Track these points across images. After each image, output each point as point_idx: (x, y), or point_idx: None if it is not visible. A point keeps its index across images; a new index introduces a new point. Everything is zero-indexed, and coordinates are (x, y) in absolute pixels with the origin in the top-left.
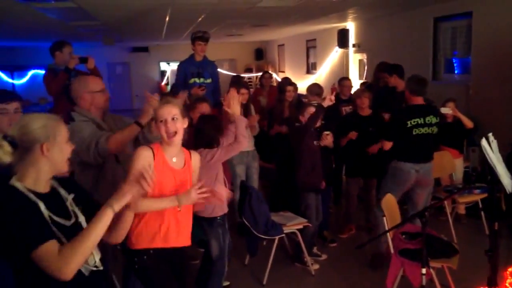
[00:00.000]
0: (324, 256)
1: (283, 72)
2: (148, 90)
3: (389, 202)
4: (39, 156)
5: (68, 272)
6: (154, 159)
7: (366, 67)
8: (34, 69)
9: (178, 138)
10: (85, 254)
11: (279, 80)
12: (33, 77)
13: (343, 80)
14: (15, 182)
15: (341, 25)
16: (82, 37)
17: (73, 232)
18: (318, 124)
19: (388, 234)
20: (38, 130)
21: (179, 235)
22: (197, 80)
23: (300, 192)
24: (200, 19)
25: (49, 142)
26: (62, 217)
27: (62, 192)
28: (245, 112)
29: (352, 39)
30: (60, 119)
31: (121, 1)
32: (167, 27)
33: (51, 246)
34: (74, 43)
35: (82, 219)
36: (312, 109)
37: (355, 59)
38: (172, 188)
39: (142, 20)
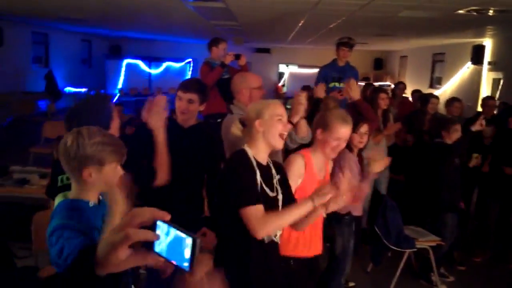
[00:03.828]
0: (451, 278)
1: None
2: (266, 90)
3: None
4: (256, 131)
5: (263, 233)
6: (305, 170)
7: (500, 87)
8: (168, 61)
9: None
10: (280, 226)
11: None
12: (167, 68)
13: (488, 100)
14: (246, 147)
15: (477, 40)
16: (215, 35)
17: (272, 203)
18: None
19: None
20: (255, 108)
21: (314, 243)
22: (337, 84)
23: (438, 210)
24: (331, 25)
25: (260, 120)
26: (269, 188)
27: (273, 170)
28: (384, 119)
29: (487, 56)
30: (276, 102)
31: (265, 4)
32: (296, 31)
33: (258, 209)
34: (205, 40)
35: (280, 197)
36: (458, 127)
37: (488, 77)
38: None
39: (277, 23)
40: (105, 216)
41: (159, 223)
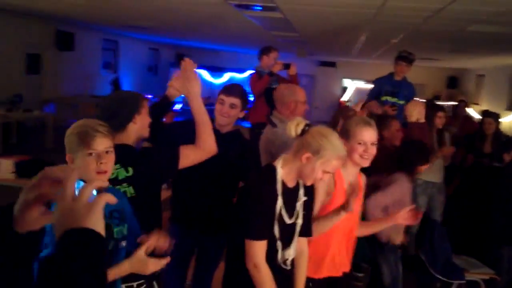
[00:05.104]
0: None
1: (477, 104)
2: (329, 105)
3: None
4: (300, 158)
5: (251, 268)
6: (334, 185)
7: None
8: (230, 71)
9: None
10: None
11: (471, 112)
12: (229, 79)
13: None
14: (278, 165)
15: None
16: (277, 46)
17: (288, 229)
18: None
19: None
20: (318, 142)
21: (344, 260)
22: (389, 98)
23: (492, 241)
24: (396, 39)
25: (312, 158)
26: (288, 213)
27: (301, 191)
28: (440, 138)
29: None
30: (342, 153)
31: (324, 15)
32: (359, 45)
33: (261, 245)
34: None
35: (300, 222)
36: None
37: None
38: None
39: (338, 35)
40: (104, 213)
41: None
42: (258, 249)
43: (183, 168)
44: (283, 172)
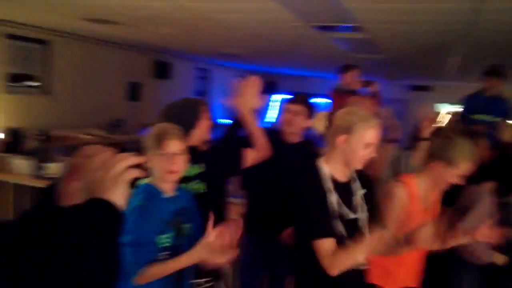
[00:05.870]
0: None
1: None
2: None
3: None
4: (336, 145)
5: (335, 272)
6: (408, 199)
7: None
8: (318, 97)
9: None
10: (352, 262)
11: None
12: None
13: None
14: (321, 163)
15: None
16: (364, 70)
17: (352, 226)
18: None
19: None
20: (346, 120)
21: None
22: (480, 116)
23: None
24: (493, 57)
25: (347, 136)
26: (349, 208)
27: (357, 185)
28: None
29: None
30: (372, 122)
31: (411, 34)
32: (454, 66)
33: (328, 243)
34: None
35: (363, 216)
36: None
37: None
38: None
39: (429, 56)
40: (176, 210)
41: None
42: (326, 247)
43: (246, 167)
44: (330, 168)
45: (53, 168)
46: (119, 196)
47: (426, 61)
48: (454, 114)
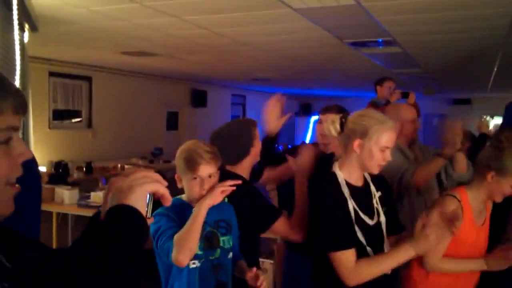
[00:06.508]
0: None
1: None
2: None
3: None
4: (352, 149)
5: (353, 283)
6: (462, 215)
7: None
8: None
9: None
10: (374, 275)
11: None
12: None
13: None
14: (336, 169)
15: None
16: (402, 85)
17: (373, 231)
18: None
19: None
20: (361, 124)
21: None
22: None
23: None
24: None
25: (363, 141)
26: (367, 214)
27: (372, 188)
28: None
29: None
30: (389, 125)
31: (446, 44)
32: (494, 76)
33: (349, 254)
34: None
35: (382, 219)
36: None
37: None
38: (470, 247)
39: (467, 66)
40: (209, 222)
41: None
42: (347, 259)
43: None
44: (344, 174)
45: (97, 197)
46: (136, 201)
47: (466, 72)
48: (500, 125)
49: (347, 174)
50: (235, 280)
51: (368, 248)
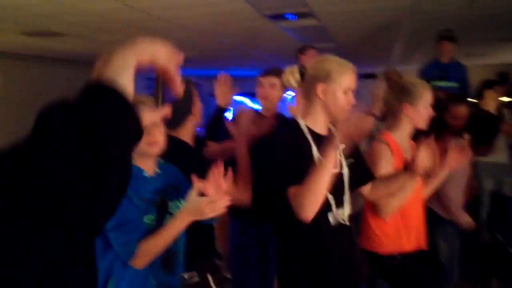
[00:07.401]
0: None
1: None
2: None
3: None
4: (316, 96)
5: (306, 214)
6: (393, 156)
7: None
8: None
9: None
10: (316, 196)
11: None
12: None
13: None
14: (298, 119)
15: None
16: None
17: (335, 181)
18: None
19: None
20: (322, 68)
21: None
22: (438, 83)
23: None
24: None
25: (326, 85)
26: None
27: (337, 140)
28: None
29: None
30: (349, 68)
31: (362, 15)
32: (398, 48)
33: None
34: None
35: (345, 171)
36: None
37: None
38: None
39: (375, 39)
40: (158, 189)
41: None
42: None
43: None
44: (308, 122)
45: None
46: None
47: (373, 46)
48: None
49: (310, 122)
50: (188, 248)
51: (330, 195)
